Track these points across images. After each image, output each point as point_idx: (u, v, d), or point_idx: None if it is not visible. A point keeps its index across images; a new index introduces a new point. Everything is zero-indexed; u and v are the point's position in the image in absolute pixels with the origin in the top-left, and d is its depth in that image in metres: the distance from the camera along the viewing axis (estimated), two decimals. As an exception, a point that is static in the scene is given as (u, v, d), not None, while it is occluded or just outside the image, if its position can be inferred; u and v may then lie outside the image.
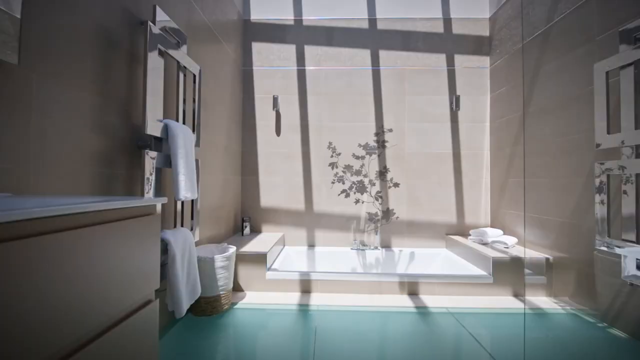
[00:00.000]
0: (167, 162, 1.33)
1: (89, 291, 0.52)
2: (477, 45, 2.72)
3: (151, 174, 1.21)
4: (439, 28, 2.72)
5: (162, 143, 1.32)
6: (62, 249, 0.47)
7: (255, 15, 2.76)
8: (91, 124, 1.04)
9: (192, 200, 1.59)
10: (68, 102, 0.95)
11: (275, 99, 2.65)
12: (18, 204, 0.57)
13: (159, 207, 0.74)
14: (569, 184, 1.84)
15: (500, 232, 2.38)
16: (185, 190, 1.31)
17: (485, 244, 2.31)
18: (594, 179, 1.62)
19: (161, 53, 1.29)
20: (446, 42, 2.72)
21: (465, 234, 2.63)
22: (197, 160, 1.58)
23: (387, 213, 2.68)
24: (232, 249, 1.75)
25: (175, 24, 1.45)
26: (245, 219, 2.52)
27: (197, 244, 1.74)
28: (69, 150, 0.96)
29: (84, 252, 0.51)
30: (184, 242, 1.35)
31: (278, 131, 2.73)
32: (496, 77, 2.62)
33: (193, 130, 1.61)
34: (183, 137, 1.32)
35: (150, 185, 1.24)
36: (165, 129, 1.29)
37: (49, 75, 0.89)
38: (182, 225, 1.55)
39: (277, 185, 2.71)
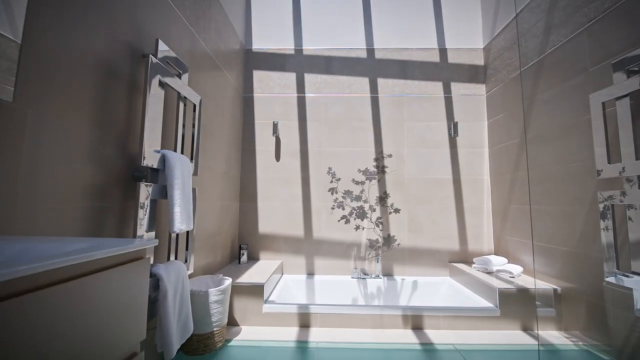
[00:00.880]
0: (162, 194, 1.30)
1: (66, 350, 0.47)
2: (472, 74, 2.78)
3: (145, 207, 1.18)
4: (435, 57, 2.80)
5: (158, 174, 1.30)
6: (39, 306, 0.43)
7: (257, 45, 2.84)
8: (86, 156, 1.02)
9: (188, 231, 1.54)
10: (64, 135, 0.94)
11: (275, 125, 2.67)
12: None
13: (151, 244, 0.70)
14: (572, 212, 1.81)
15: (504, 260, 2.31)
16: (180, 222, 1.27)
17: (489, 272, 2.24)
18: (597, 208, 1.59)
19: (162, 84, 1.30)
20: (442, 70, 2.79)
21: (468, 262, 2.56)
22: (194, 189, 1.56)
23: (388, 239, 2.62)
24: (228, 282, 1.68)
25: (177, 55, 1.47)
26: (243, 246, 2.46)
27: (191, 276, 1.67)
28: (60, 184, 0.93)
29: (63, 308, 0.47)
30: (177, 276, 1.29)
31: (278, 156, 2.73)
32: (492, 104, 2.66)
33: (191, 159, 1.59)
34: (180, 168, 1.30)
35: (144, 217, 1.20)
36: (163, 159, 1.28)
37: (46, 108, 0.88)
38: (176, 257, 1.50)
39: (276, 211, 2.66)
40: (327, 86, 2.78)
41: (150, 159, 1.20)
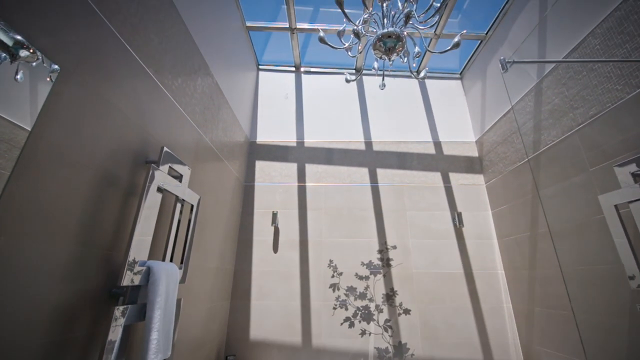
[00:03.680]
0: (141, 314, 1.12)
1: None
2: (468, 164, 2.86)
3: (116, 338, 0.99)
4: (431, 150, 2.92)
5: (139, 290, 1.14)
6: None
7: (261, 138, 2.99)
8: (60, 279, 0.89)
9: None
10: (37, 260, 0.83)
11: (274, 215, 2.60)
12: None
13: None
14: (610, 324, 1.58)
15: (540, 379, 1.95)
16: (156, 353, 1.05)
17: (526, 397, 1.85)
18: (641, 323, 1.38)
19: (160, 190, 1.25)
20: (439, 161, 2.87)
21: (496, 378, 2.16)
22: (179, 300, 1.37)
23: (399, 349, 2.26)
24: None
25: (181, 159, 1.48)
26: (230, 358, 2.09)
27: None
28: (22, 318, 0.78)
29: None
30: None
31: (275, 248, 2.57)
32: (494, 194, 2.65)
33: (181, 262, 1.45)
34: (166, 282, 1.15)
35: (114, 346, 1.00)
36: (147, 272, 1.14)
37: (22, 234, 0.79)
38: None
39: (270, 312, 2.37)
40: (328, 176, 2.82)
41: (132, 277, 1.06)
